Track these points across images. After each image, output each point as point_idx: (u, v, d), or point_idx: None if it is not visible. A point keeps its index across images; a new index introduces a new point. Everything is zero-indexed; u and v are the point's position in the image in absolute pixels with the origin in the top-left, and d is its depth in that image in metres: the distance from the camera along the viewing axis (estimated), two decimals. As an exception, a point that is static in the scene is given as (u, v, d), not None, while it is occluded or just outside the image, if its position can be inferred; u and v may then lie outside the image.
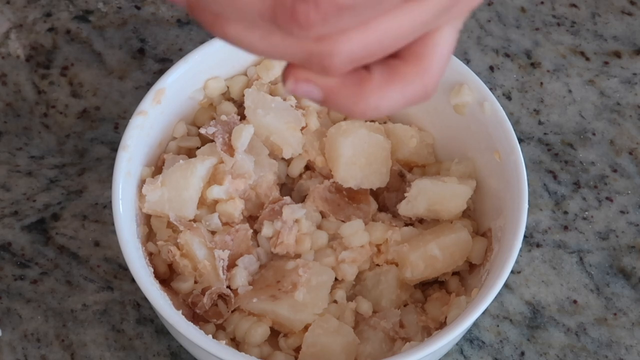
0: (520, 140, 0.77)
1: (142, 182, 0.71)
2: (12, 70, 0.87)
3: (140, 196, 0.70)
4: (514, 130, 0.71)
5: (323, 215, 0.73)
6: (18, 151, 0.83)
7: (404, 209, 0.73)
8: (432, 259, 0.70)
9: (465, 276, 0.73)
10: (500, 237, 0.69)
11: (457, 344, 0.76)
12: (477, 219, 0.74)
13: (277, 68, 0.76)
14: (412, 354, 0.63)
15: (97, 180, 0.81)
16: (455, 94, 0.73)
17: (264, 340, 0.69)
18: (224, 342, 0.65)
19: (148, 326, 0.76)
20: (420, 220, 0.74)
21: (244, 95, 0.74)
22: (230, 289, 0.70)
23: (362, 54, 0.41)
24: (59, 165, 0.82)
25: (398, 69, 0.43)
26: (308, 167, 0.76)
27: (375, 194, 0.75)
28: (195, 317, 0.70)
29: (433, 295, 0.72)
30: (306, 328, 0.69)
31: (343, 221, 0.73)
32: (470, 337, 0.76)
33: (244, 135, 0.71)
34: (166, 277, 0.71)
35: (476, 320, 0.68)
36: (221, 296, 0.70)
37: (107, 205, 0.80)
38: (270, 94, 0.75)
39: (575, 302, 0.78)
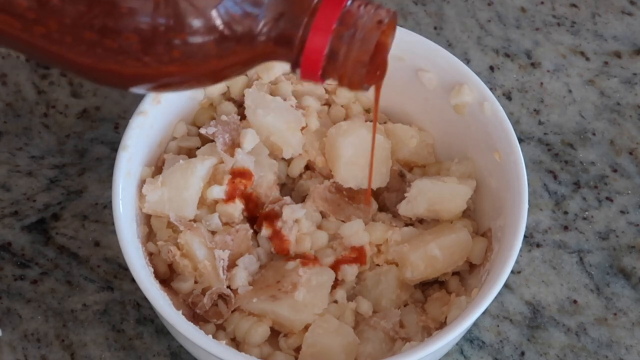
0: (520, 140, 0.77)
1: (142, 182, 0.71)
2: (12, 70, 0.87)
3: (141, 196, 0.70)
4: (514, 130, 0.71)
5: (323, 215, 0.73)
6: (18, 151, 0.83)
7: (404, 209, 0.73)
8: (432, 259, 0.70)
9: (465, 276, 0.73)
10: (500, 237, 0.69)
11: (457, 344, 0.76)
12: (477, 219, 0.74)
13: (277, 68, 0.76)
14: (412, 354, 0.63)
15: (97, 180, 0.81)
16: (456, 94, 0.73)
17: (264, 341, 0.69)
18: (224, 342, 0.65)
19: (148, 326, 0.76)
20: (421, 221, 0.74)
21: (244, 95, 0.74)
22: (231, 289, 0.70)
23: None
24: (59, 165, 0.82)
25: None
26: (308, 167, 0.76)
27: (376, 194, 0.75)
28: (196, 317, 0.70)
29: (433, 295, 0.72)
30: (306, 328, 0.69)
31: (343, 221, 0.73)
32: (470, 337, 0.76)
33: (252, 139, 0.71)
34: (166, 277, 0.71)
35: (476, 320, 0.68)
36: (221, 296, 0.70)
37: (107, 205, 0.80)
38: (271, 94, 0.75)
39: (575, 302, 0.78)
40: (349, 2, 0.53)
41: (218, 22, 0.51)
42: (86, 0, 0.50)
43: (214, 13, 0.51)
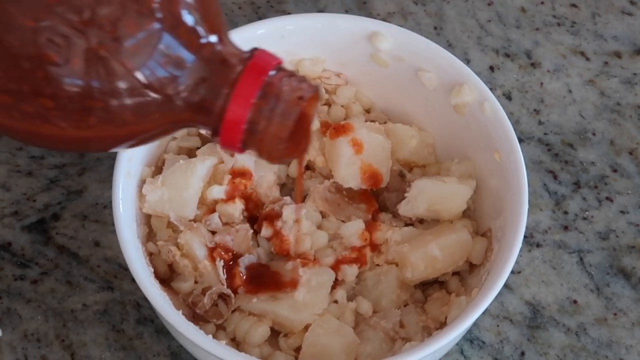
0: (520, 140, 0.77)
1: (142, 182, 0.71)
2: (12, 70, 0.86)
3: (141, 196, 0.70)
4: (514, 130, 0.71)
5: (323, 215, 0.73)
6: (18, 151, 0.83)
7: (404, 209, 0.73)
8: (433, 259, 0.70)
9: (465, 276, 0.73)
10: (500, 237, 0.69)
11: (457, 344, 0.76)
12: (477, 219, 0.74)
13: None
14: (412, 354, 0.63)
15: (98, 180, 0.81)
16: (456, 94, 0.73)
17: (264, 341, 0.69)
18: (224, 342, 0.65)
19: (148, 326, 0.76)
20: (421, 221, 0.74)
21: (244, 95, 0.74)
22: (231, 289, 0.70)
23: None
24: (59, 165, 0.82)
25: None
26: (308, 167, 0.76)
27: (376, 194, 0.75)
28: (196, 317, 0.70)
29: (433, 295, 0.72)
30: (306, 328, 0.69)
31: (343, 221, 0.73)
32: (470, 337, 0.76)
33: None
34: (166, 277, 0.71)
35: (476, 320, 0.68)
36: (221, 296, 0.70)
37: (107, 205, 0.80)
38: (271, 94, 0.75)
39: (575, 302, 0.78)
40: (272, 73, 0.51)
41: (139, 84, 0.48)
42: (3, 63, 0.48)
43: (137, 74, 0.48)
